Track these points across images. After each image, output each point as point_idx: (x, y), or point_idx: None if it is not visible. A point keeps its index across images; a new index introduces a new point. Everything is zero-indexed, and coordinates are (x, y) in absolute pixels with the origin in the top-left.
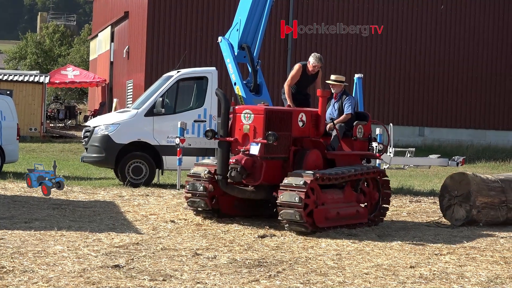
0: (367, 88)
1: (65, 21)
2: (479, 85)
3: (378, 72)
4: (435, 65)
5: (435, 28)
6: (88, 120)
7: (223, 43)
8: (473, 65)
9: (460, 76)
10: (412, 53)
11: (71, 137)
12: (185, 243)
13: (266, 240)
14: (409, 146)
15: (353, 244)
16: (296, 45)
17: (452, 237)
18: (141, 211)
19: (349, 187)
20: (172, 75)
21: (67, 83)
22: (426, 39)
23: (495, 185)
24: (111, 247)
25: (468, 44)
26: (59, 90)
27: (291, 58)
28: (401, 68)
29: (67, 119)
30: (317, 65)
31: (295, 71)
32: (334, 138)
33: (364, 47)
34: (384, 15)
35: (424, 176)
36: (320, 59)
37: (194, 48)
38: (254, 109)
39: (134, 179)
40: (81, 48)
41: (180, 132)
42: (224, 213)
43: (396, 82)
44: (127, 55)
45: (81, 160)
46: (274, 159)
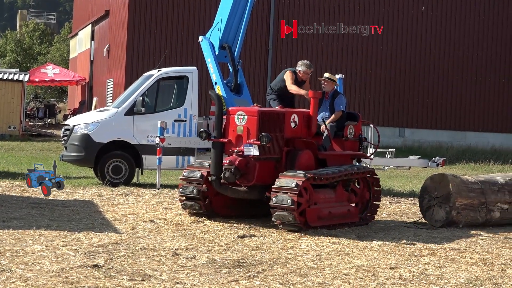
0: (346, 88)
1: (45, 19)
2: (459, 86)
3: (358, 72)
4: (415, 66)
5: (416, 28)
6: (68, 119)
7: (204, 43)
8: (453, 66)
9: (440, 77)
10: (393, 53)
11: (50, 136)
12: (164, 243)
13: (245, 240)
14: (389, 147)
15: (333, 245)
16: (277, 45)
17: (431, 238)
18: (121, 210)
19: (340, 187)
20: (153, 74)
21: (46, 81)
22: (404, 40)
23: (474, 187)
24: (90, 246)
25: (449, 45)
26: (39, 89)
27: (272, 58)
28: (381, 68)
29: (46, 117)
30: (307, 72)
31: (290, 76)
32: (325, 138)
33: (340, 46)
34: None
35: (404, 177)
36: (310, 65)
37: (175, 47)
38: (247, 111)
39: (114, 178)
40: (61, 46)
41: (160, 132)
42: (217, 213)
43: (376, 82)
44: (107, 53)
45: (60, 159)
46: (267, 159)
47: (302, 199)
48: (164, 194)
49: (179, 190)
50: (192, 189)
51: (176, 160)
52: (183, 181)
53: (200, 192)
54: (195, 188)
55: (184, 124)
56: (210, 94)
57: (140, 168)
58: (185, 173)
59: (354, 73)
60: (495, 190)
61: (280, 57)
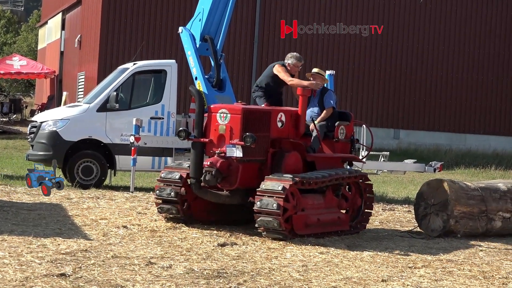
0: (338, 86)
1: (12, 6)
2: (459, 85)
3: (350, 69)
4: (412, 64)
5: (413, 25)
6: (35, 115)
7: (184, 34)
8: (454, 65)
9: (439, 76)
10: (388, 50)
11: (15, 133)
12: (138, 250)
13: (226, 249)
14: (383, 149)
15: (321, 255)
16: (263, 38)
17: (427, 248)
18: (91, 215)
19: (330, 192)
20: (128, 68)
21: (12, 74)
22: (401, 37)
23: (474, 194)
24: (57, 254)
25: (448, 43)
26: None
27: (258, 52)
28: (375, 66)
29: (11, 113)
30: (298, 65)
31: (281, 69)
32: (314, 139)
33: (335, 45)
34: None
35: (398, 182)
36: (301, 58)
37: (153, 39)
38: (230, 109)
39: (84, 180)
40: (29, 36)
41: (135, 130)
42: (196, 218)
43: (369, 80)
44: (79, 44)
45: (26, 158)
46: (251, 161)
47: (289, 204)
48: (139, 198)
49: (155, 193)
50: (170, 191)
51: (152, 161)
52: (160, 183)
53: (178, 195)
54: (173, 190)
55: (161, 122)
56: (190, 90)
57: (113, 169)
58: (162, 174)
59: (346, 69)
60: (496, 197)
61: (266, 50)
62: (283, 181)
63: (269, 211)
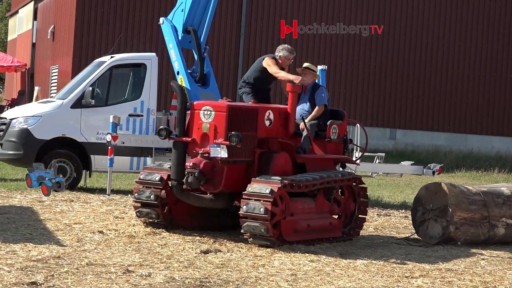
0: (330, 83)
1: None
2: (460, 83)
3: (343, 65)
4: (410, 60)
5: (411, 19)
6: (4, 111)
7: (165, 25)
8: (455, 61)
9: (439, 73)
10: (385, 45)
11: None
12: (115, 257)
13: (209, 256)
14: (379, 150)
15: (311, 263)
16: (251, 30)
17: (425, 257)
18: (64, 219)
19: (321, 196)
20: (105, 61)
21: None
22: (400, 31)
23: (476, 198)
24: (28, 260)
25: (448, 39)
26: None
27: (245, 45)
28: (370, 62)
29: None
30: (289, 57)
31: (271, 61)
32: (304, 139)
33: (329, 42)
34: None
35: (394, 185)
36: (293, 50)
37: (131, 30)
38: (214, 106)
39: None
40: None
41: (112, 128)
42: (178, 223)
43: (364, 77)
44: (52, 36)
45: None
46: (236, 163)
47: (277, 208)
48: (116, 201)
49: (133, 196)
50: (149, 194)
51: (131, 161)
52: (139, 185)
53: (159, 198)
54: (152, 193)
55: (140, 119)
56: (172, 86)
57: (88, 170)
58: (141, 175)
59: (339, 65)
60: (499, 202)
61: (254, 43)
62: (271, 183)
63: (255, 215)
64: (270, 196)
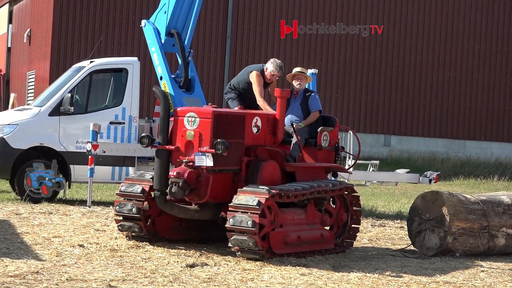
0: (321, 87)
1: None
2: (458, 87)
3: (335, 68)
4: (405, 62)
5: (410, 22)
6: None
7: (148, 28)
8: (452, 64)
9: (436, 76)
10: (378, 48)
11: None
12: (96, 272)
13: (195, 270)
14: (373, 158)
15: (302, 277)
16: (237, 32)
17: (422, 269)
18: (43, 232)
19: (312, 206)
20: (84, 66)
21: None
22: (395, 38)
23: (475, 207)
24: (4, 276)
25: (445, 41)
26: None
27: (231, 48)
28: (363, 65)
29: None
30: (276, 74)
31: (257, 79)
32: (294, 147)
33: (320, 44)
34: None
35: (389, 194)
36: (281, 67)
37: (112, 34)
38: (199, 112)
39: (35, 193)
40: None
41: (92, 136)
42: (161, 236)
43: (356, 81)
44: (28, 39)
45: None
46: (223, 171)
47: (265, 220)
48: (97, 213)
49: (115, 208)
50: (131, 207)
51: (112, 171)
52: (120, 197)
53: (141, 210)
54: (134, 206)
55: (122, 127)
56: (154, 91)
57: (67, 181)
58: (122, 187)
59: (331, 69)
60: (499, 212)
61: (240, 46)
62: (259, 194)
63: (243, 229)
64: (258, 208)
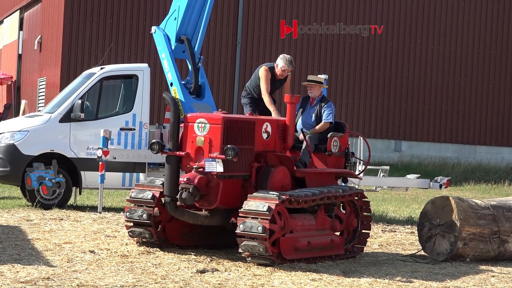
0: (332, 92)
1: None
2: (468, 92)
3: (345, 74)
4: (415, 67)
5: (421, 27)
6: None
7: (158, 34)
8: (462, 68)
9: (446, 81)
10: (388, 52)
11: None
12: (107, 278)
13: (206, 276)
14: (383, 163)
15: (313, 282)
16: (247, 38)
17: (432, 274)
18: (54, 238)
19: (322, 212)
20: (95, 72)
21: None
22: (402, 39)
23: (485, 213)
24: (16, 282)
25: (455, 45)
26: None
27: (241, 54)
28: (374, 69)
29: None
30: (287, 69)
31: (265, 74)
32: (304, 153)
33: (329, 47)
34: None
35: (400, 200)
36: (291, 62)
37: (122, 40)
38: (209, 118)
39: (46, 200)
40: None
41: (103, 143)
42: (172, 242)
43: (367, 86)
44: (39, 46)
45: None
46: (233, 177)
47: (276, 226)
48: (107, 219)
49: (125, 215)
50: (141, 213)
51: (123, 177)
52: (131, 203)
53: (151, 216)
54: (145, 212)
55: (132, 133)
56: (165, 97)
57: (78, 187)
58: (132, 193)
59: (341, 74)
60: (510, 217)
61: (251, 52)
62: (269, 200)
63: (253, 234)
64: (268, 213)
